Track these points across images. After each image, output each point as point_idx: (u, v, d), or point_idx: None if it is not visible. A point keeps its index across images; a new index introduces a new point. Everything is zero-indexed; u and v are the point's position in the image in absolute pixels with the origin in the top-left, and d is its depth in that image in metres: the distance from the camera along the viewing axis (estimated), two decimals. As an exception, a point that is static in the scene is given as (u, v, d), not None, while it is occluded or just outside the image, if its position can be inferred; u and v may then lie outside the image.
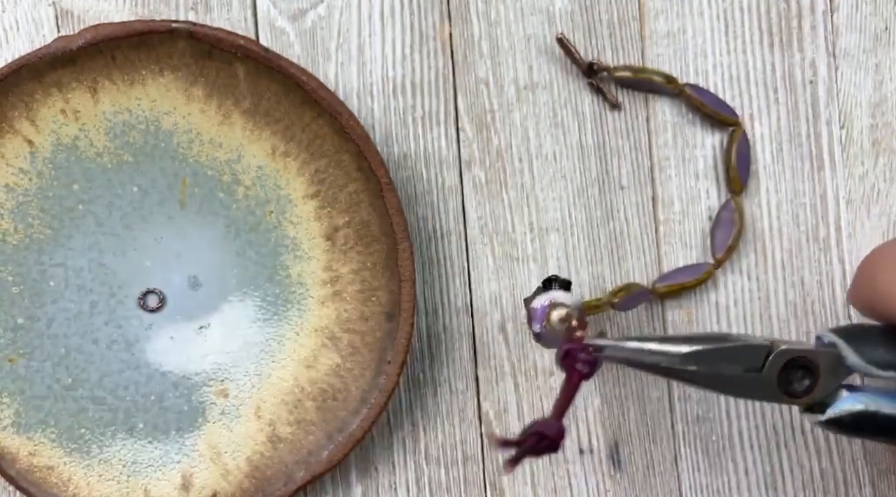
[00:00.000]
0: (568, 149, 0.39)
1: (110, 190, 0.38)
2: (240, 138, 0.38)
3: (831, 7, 0.39)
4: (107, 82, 0.36)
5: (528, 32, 0.39)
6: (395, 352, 0.36)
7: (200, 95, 0.37)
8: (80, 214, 0.38)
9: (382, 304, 0.37)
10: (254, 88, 0.36)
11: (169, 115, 0.37)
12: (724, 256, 0.38)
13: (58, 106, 0.36)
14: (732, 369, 0.27)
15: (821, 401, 0.28)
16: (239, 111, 0.37)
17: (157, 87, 0.37)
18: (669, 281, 0.38)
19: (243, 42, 0.35)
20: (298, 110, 0.37)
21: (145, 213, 0.38)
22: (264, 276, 0.38)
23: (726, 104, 0.39)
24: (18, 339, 0.37)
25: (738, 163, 0.38)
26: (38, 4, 0.38)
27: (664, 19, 0.39)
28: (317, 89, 0.35)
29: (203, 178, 0.38)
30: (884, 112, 0.39)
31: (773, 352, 0.27)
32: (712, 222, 0.39)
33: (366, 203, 0.37)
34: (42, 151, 0.37)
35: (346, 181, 0.37)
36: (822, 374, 0.27)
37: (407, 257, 0.36)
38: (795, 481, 0.39)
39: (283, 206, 0.38)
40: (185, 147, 0.38)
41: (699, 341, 0.27)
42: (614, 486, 0.39)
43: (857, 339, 0.28)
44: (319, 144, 0.37)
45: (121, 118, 0.37)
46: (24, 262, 0.37)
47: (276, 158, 0.38)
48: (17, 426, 0.37)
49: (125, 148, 0.37)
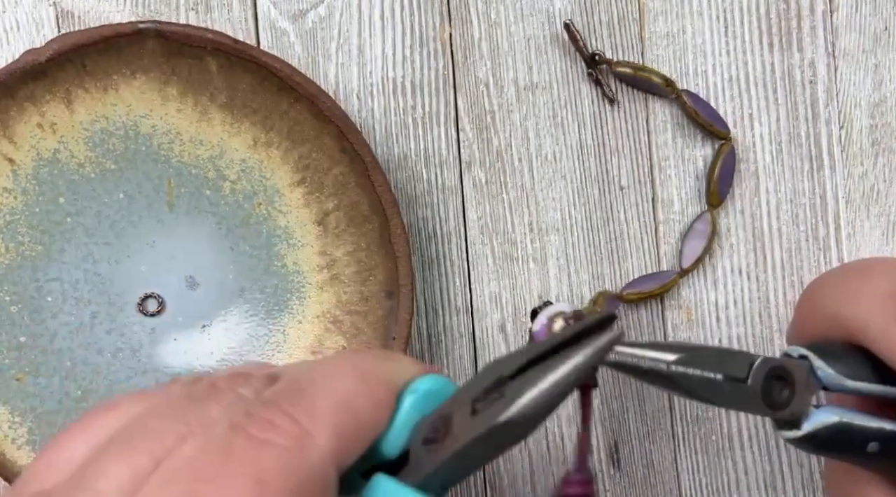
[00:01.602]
0: (567, 149, 0.39)
1: (97, 199, 0.37)
2: (220, 133, 0.37)
3: (831, 7, 0.39)
4: (80, 91, 0.36)
5: (528, 33, 0.39)
6: (398, 327, 0.36)
7: (175, 94, 0.37)
8: (69, 227, 0.37)
9: (381, 283, 0.37)
10: (228, 81, 0.36)
11: (146, 117, 0.37)
12: (691, 267, 0.38)
13: (34, 120, 0.36)
14: (718, 377, 0.26)
15: (795, 417, 0.27)
16: (216, 106, 0.37)
17: (131, 91, 0.36)
18: (636, 288, 0.38)
19: (212, 36, 0.35)
20: (275, 98, 0.36)
21: (134, 218, 0.38)
22: (260, 268, 0.38)
23: (720, 117, 0.39)
24: (23, 357, 0.37)
25: (720, 177, 0.38)
26: (39, 5, 0.38)
27: (664, 20, 0.39)
28: (291, 75, 0.35)
29: (188, 178, 0.38)
30: (883, 112, 0.39)
31: (755, 361, 0.27)
32: (684, 232, 0.39)
33: (353, 184, 0.37)
34: (24, 168, 0.37)
35: (331, 164, 0.37)
36: (797, 386, 0.27)
37: (400, 233, 0.36)
38: (795, 481, 0.39)
39: (271, 196, 0.38)
40: (166, 148, 0.38)
41: (688, 349, 0.27)
42: (614, 486, 0.39)
43: (825, 353, 0.28)
44: (300, 130, 0.37)
45: (98, 126, 0.37)
46: (19, 280, 0.37)
47: (259, 149, 0.38)
48: (32, 444, 0.36)
49: (107, 156, 0.37)
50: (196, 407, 0.21)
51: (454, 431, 0.23)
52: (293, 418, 0.21)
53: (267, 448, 0.20)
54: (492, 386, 0.23)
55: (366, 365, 0.24)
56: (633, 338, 0.39)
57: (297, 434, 0.20)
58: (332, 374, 0.23)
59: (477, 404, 0.23)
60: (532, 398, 0.22)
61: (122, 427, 0.21)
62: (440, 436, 0.23)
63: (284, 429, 0.20)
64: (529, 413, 0.22)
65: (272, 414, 0.21)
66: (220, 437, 0.20)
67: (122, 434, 0.21)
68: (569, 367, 0.22)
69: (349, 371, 0.23)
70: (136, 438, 0.20)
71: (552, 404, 0.22)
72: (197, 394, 0.22)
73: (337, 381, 0.22)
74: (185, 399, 0.22)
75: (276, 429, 0.20)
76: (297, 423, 0.21)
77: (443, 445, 0.23)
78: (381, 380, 0.23)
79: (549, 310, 0.31)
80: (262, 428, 0.20)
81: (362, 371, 0.23)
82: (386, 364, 0.24)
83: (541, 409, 0.22)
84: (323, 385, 0.22)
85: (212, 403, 0.21)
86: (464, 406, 0.23)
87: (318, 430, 0.21)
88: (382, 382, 0.23)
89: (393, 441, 0.23)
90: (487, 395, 0.23)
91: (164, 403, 0.22)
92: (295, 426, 0.21)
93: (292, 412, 0.21)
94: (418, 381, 0.24)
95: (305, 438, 0.20)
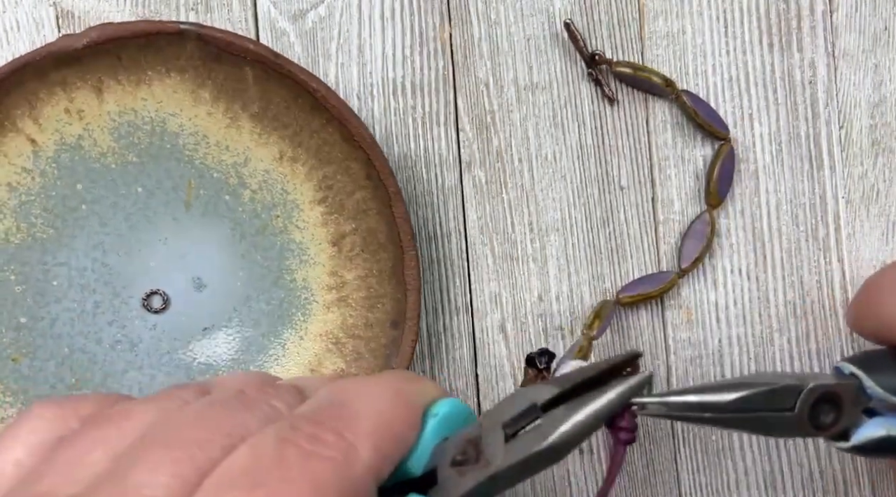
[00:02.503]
0: (567, 149, 0.39)
1: (115, 190, 0.38)
2: (247, 142, 0.37)
3: (830, 7, 0.39)
4: (112, 82, 0.36)
5: (528, 33, 0.39)
6: (399, 359, 0.36)
7: (208, 98, 0.37)
8: (83, 214, 0.38)
9: (387, 312, 0.37)
10: (262, 93, 0.36)
11: (175, 116, 0.37)
12: (690, 267, 0.38)
13: (62, 105, 0.36)
14: (769, 412, 0.28)
15: (844, 431, 0.29)
16: (247, 115, 0.37)
17: (163, 89, 0.37)
18: (633, 291, 0.38)
19: (253, 47, 0.35)
20: (307, 116, 0.36)
21: (150, 214, 0.38)
22: (269, 279, 0.38)
23: (720, 117, 0.39)
24: (21, 338, 0.37)
25: (720, 178, 0.38)
26: (39, 5, 0.38)
27: (663, 20, 0.39)
28: (327, 97, 0.35)
29: (209, 181, 0.38)
30: (883, 112, 0.39)
31: (802, 390, 0.28)
32: (684, 232, 0.39)
33: (373, 211, 0.37)
34: (45, 151, 0.37)
35: (354, 188, 0.37)
36: (845, 406, 0.28)
37: (413, 266, 0.36)
38: (795, 481, 0.39)
39: (290, 210, 0.38)
40: (191, 149, 0.38)
41: (737, 388, 0.27)
42: (614, 486, 0.39)
43: (873, 368, 0.29)
44: (328, 151, 0.37)
45: (126, 118, 0.37)
46: (28, 261, 0.37)
47: (284, 163, 0.38)
48: None
49: (130, 148, 0.37)
50: (230, 417, 0.22)
51: (486, 455, 0.24)
52: (339, 433, 0.22)
53: (318, 460, 0.21)
54: (523, 413, 0.25)
55: (400, 385, 0.25)
56: (632, 338, 0.39)
57: (345, 448, 0.21)
58: (372, 392, 0.24)
59: (508, 430, 0.25)
60: (572, 426, 0.24)
61: (146, 436, 0.21)
62: (470, 458, 0.24)
63: (332, 442, 0.21)
64: (567, 441, 0.24)
65: (318, 428, 0.21)
66: (271, 448, 0.20)
67: (154, 442, 0.21)
68: (603, 402, 0.25)
69: (387, 391, 0.24)
70: (174, 447, 0.20)
71: (585, 434, 0.24)
72: (228, 403, 0.23)
73: (377, 400, 0.24)
74: (215, 408, 0.22)
75: (323, 442, 0.21)
76: (343, 438, 0.21)
77: (476, 467, 0.24)
78: (412, 401, 0.24)
79: (569, 366, 0.33)
80: (310, 441, 0.21)
81: (397, 391, 0.24)
82: (415, 385, 0.25)
83: (576, 438, 0.24)
84: (363, 403, 0.23)
85: (246, 414, 0.22)
86: (494, 431, 0.25)
87: (361, 446, 0.22)
88: (413, 403, 0.25)
89: (418, 460, 0.25)
90: (518, 422, 0.25)
91: (192, 413, 0.22)
92: (341, 440, 0.21)
93: (338, 427, 0.22)
94: (440, 404, 0.26)
95: (352, 453, 0.21)
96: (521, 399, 0.26)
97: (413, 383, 0.25)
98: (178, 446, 0.20)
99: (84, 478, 0.20)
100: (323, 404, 0.23)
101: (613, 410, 0.25)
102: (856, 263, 0.39)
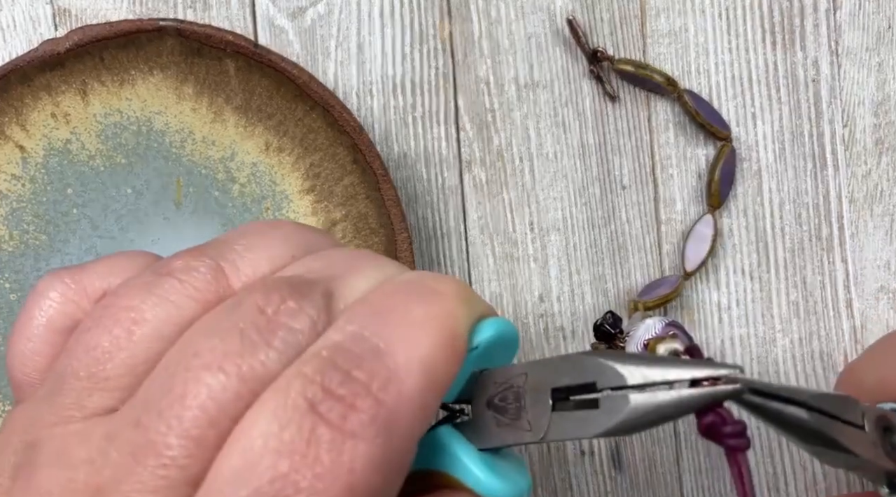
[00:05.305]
0: (569, 148, 0.39)
1: (104, 193, 0.38)
2: (232, 135, 0.37)
3: (834, 5, 0.39)
4: (96, 84, 0.36)
5: (529, 31, 0.39)
6: None
7: (191, 93, 0.37)
8: (74, 218, 0.37)
9: None
10: (245, 84, 0.36)
11: (160, 114, 0.37)
12: (694, 270, 0.38)
13: (48, 110, 0.36)
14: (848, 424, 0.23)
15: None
16: (231, 108, 0.37)
17: (147, 87, 0.37)
18: (651, 295, 0.38)
19: (232, 38, 0.35)
20: (291, 105, 0.36)
21: (141, 214, 0.38)
22: None
23: (721, 118, 0.38)
24: None
25: (721, 178, 0.38)
26: (36, 3, 0.38)
27: (665, 18, 0.39)
28: (308, 83, 0.35)
29: (197, 177, 0.38)
30: (887, 111, 0.39)
31: (859, 404, 0.24)
32: (686, 233, 0.39)
33: (362, 196, 0.37)
34: (34, 156, 0.37)
35: (342, 174, 0.37)
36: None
37: (406, 248, 0.36)
38: (798, 483, 0.39)
39: (280, 202, 0.38)
40: (177, 146, 0.37)
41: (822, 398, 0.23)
42: (615, 488, 0.39)
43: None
44: (313, 138, 0.37)
45: (112, 120, 0.37)
46: (21, 268, 0.37)
47: (270, 154, 0.38)
48: None
49: (118, 150, 0.37)
50: (247, 348, 0.18)
51: (529, 417, 0.21)
52: (377, 399, 0.18)
53: (355, 443, 0.17)
54: (581, 386, 0.21)
55: (450, 308, 0.20)
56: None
57: (385, 419, 0.18)
58: (416, 334, 0.19)
59: (557, 400, 0.21)
60: (640, 415, 0.20)
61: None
62: (510, 409, 0.21)
63: (369, 415, 0.18)
64: (627, 427, 0.20)
65: (353, 391, 0.18)
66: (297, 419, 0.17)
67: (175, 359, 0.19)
68: (684, 397, 0.20)
69: (434, 328, 0.19)
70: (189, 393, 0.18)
71: (649, 426, 0.20)
72: (246, 334, 0.19)
73: (423, 341, 0.19)
74: (229, 341, 0.18)
75: (359, 414, 0.18)
76: (383, 404, 0.18)
77: (517, 426, 0.21)
78: (461, 334, 0.20)
79: (666, 345, 0.30)
80: (344, 414, 0.18)
81: (444, 325, 0.20)
82: (463, 309, 0.20)
83: (637, 427, 0.20)
84: (407, 348, 0.19)
85: (264, 348, 0.18)
86: (540, 392, 0.21)
87: (404, 410, 0.18)
88: (463, 336, 0.20)
89: (452, 388, 0.21)
90: (573, 391, 0.21)
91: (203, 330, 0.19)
92: (381, 408, 0.18)
93: (374, 390, 0.18)
94: (485, 326, 0.21)
95: (392, 423, 0.18)
96: (576, 364, 0.21)
97: (462, 306, 0.20)
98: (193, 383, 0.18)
99: None
100: (357, 342, 0.19)
101: (700, 405, 0.20)
102: (860, 263, 0.39)
